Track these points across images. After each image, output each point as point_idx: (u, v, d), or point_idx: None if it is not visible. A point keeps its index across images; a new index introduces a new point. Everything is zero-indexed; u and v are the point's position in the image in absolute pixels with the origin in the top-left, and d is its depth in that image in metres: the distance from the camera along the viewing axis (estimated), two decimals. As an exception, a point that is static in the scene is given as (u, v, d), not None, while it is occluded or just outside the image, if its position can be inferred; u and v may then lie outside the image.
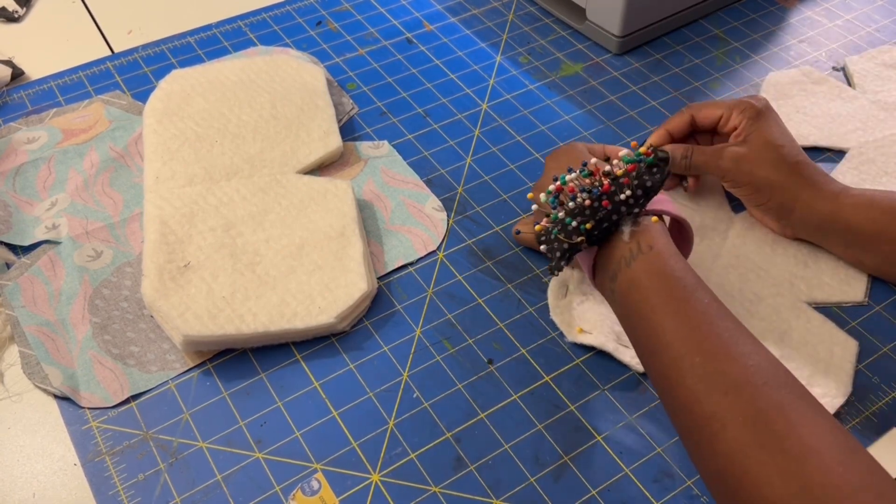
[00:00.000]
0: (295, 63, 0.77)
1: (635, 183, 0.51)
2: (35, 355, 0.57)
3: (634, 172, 0.52)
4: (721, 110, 0.62)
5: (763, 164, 0.60)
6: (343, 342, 0.59)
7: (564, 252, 0.52)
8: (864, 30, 0.86)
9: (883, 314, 0.61)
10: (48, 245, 0.64)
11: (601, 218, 0.51)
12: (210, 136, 0.69)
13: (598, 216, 0.51)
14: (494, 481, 0.52)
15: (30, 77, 0.79)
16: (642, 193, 0.51)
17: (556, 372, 0.57)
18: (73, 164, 0.70)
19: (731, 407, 0.43)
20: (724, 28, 0.86)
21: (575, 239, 0.51)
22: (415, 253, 0.64)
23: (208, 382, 0.57)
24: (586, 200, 0.51)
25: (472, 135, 0.74)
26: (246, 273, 0.59)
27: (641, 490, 0.51)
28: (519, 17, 0.87)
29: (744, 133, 0.61)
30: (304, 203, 0.64)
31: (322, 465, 0.52)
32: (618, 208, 0.51)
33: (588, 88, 0.79)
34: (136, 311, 0.60)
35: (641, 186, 0.51)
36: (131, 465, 0.52)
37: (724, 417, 0.43)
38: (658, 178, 0.51)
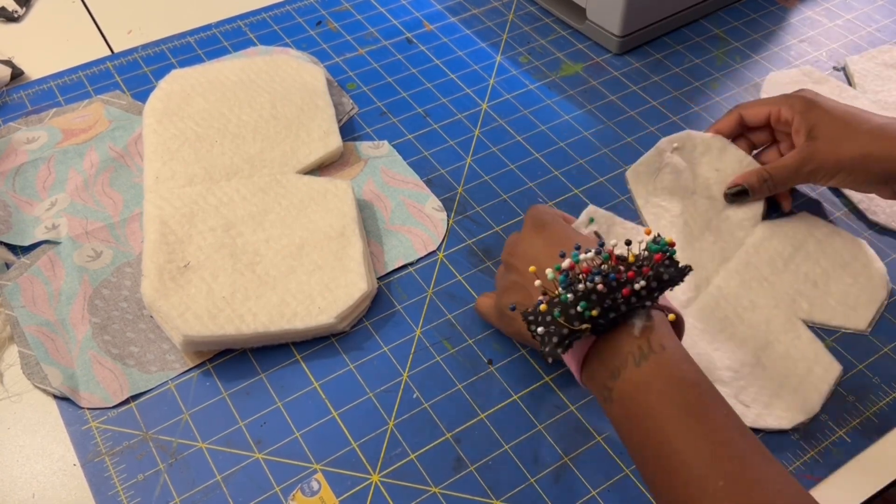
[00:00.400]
0: (295, 63, 0.77)
1: (652, 274, 0.46)
2: (35, 355, 0.57)
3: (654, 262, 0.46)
4: (769, 107, 0.62)
5: (843, 147, 0.58)
6: (343, 342, 0.59)
7: (563, 338, 0.45)
8: (864, 29, 0.86)
9: (883, 314, 0.61)
10: (48, 245, 0.64)
11: (608, 306, 0.45)
12: (210, 136, 0.69)
13: (607, 304, 0.45)
14: (494, 481, 0.52)
15: (30, 77, 0.79)
16: (657, 286, 0.46)
17: (556, 372, 0.57)
18: (72, 164, 0.70)
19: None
20: (724, 28, 0.86)
21: (577, 325, 0.45)
22: (415, 253, 0.64)
23: (208, 383, 0.57)
24: (599, 285, 0.44)
25: (472, 135, 0.74)
26: (246, 273, 0.59)
27: (641, 490, 0.51)
28: (519, 16, 0.87)
29: (802, 127, 0.60)
30: (304, 203, 0.64)
31: (322, 466, 0.52)
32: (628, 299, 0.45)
33: (588, 88, 0.79)
34: (135, 311, 0.60)
35: (658, 278, 0.46)
36: (131, 465, 0.52)
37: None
38: (676, 273, 0.46)
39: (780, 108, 0.62)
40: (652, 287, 0.46)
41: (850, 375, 0.57)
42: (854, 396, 0.56)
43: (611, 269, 0.46)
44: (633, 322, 0.46)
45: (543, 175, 0.70)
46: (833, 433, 0.54)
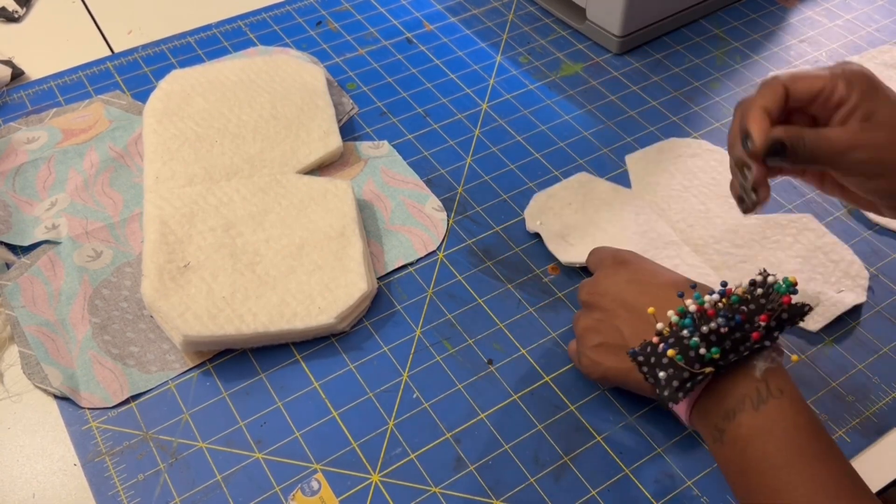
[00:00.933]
0: (295, 63, 0.77)
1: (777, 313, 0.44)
2: (35, 355, 0.57)
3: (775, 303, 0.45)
4: (822, 81, 0.48)
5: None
6: (343, 342, 0.59)
7: (684, 381, 0.44)
8: (864, 30, 0.86)
9: (883, 314, 0.61)
10: (48, 245, 0.64)
11: (729, 348, 0.44)
12: (210, 136, 0.69)
13: (727, 346, 0.44)
14: (494, 481, 0.52)
15: (30, 77, 0.79)
16: (776, 326, 0.45)
17: (556, 372, 0.57)
18: (72, 164, 0.70)
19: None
20: (724, 28, 0.86)
21: (698, 368, 0.44)
22: (415, 253, 0.64)
23: (208, 383, 0.57)
24: (723, 328, 0.43)
25: (472, 135, 0.74)
26: (246, 273, 0.59)
27: (641, 490, 0.51)
28: (519, 17, 0.87)
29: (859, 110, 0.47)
30: (304, 203, 0.64)
31: (322, 466, 0.52)
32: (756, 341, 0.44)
33: (588, 88, 0.79)
34: (135, 311, 0.60)
35: (777, 318, 0.44)
36: (131, 465, 0.52)
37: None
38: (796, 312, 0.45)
39: (836, 84, 0.48)
40: (772, 327, 0.44)
41: (850, 375, 0.57)
42: (854, 396, 0.56)
43: (736, 310, 0.44)
44: (755, 364, 0.44)
45: (543, 175, 0.70)
46: (833, 433, 0.54)
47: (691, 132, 0.74)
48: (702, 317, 0.45)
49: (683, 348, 0.44)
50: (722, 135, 0.74)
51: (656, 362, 0.45)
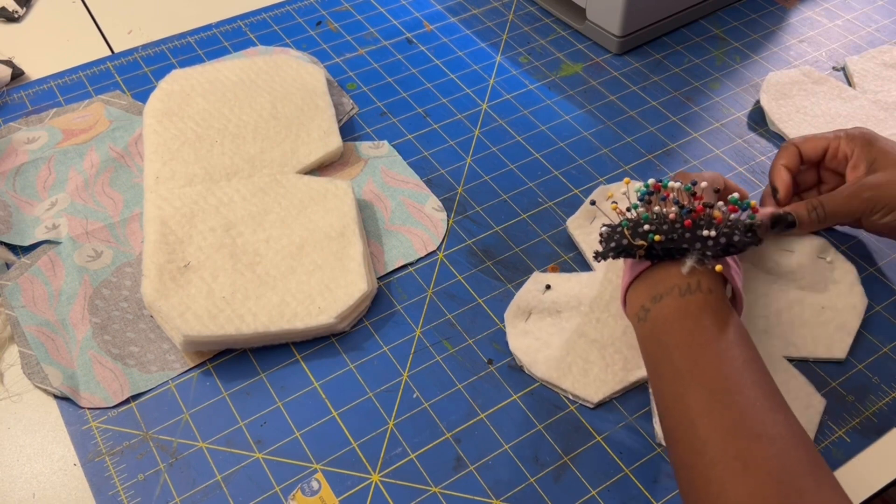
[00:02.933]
0: (295, 63, 0.77)
1: (725, 229, 0.48)
2: (35, 355, 0.57)
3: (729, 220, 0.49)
4: (826, 141, 0.60)
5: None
6: (343, 342, 0.59)
7: (620, 248, 0.49)
8: (864, 30, 0.86)
9: (883, 314, 0.61)
10: (48, 245, 0.64)
11: (673, 238, 0.48)
12: (210, 136, 0.69)
13: (672, 235, 0.48)
14: (494, 481, 0.52)
15: (30, 77, 0.79)
16: (725, 243, 0.48)
17: (556, 372, 0.57)
18: (73, 164, 0.70)
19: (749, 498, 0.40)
20: (724, 28, 0.86)
21: (637, 241, 0.49)
22: (415, 253, 0.64)
23: (208, 382, 0.57)
24: (671, 213, 0.49)
25: (472, 135, 0.74)
26: (246, 273, 0.59)
27: (641, 490, 0.51)
28: (519, 17, 0.87)
29: (862, 162, 0.58)
30: (304, 203, 0.64)
31: (322, 466, 0.52)
32: (693, 240, 0.48)
33: (588, 88, 0.79)
34: (136, 311, 0.60)
35: (727, 236, 0.48)
36: (131, 465, 0.52)
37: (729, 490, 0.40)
38: (746, 241, 0.48)
39: (839, 142, 0.59)
40: (719, 242, 0.48)
41: (850, 375, 0.57)
42: (854, 396, 0.56)
43: (691, 205, 0.49)
44: (684, 260, 0.48)
45: (543, 175, 0.70)
46: (833, 433, 0.54)
47: (691, 132, 0.74)
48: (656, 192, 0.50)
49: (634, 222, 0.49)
50: (722, 135, 0.74)
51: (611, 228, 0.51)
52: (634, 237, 0.49)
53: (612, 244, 0.50)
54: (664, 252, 0.49)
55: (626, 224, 0.49)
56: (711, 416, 0.43)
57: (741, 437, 0.42)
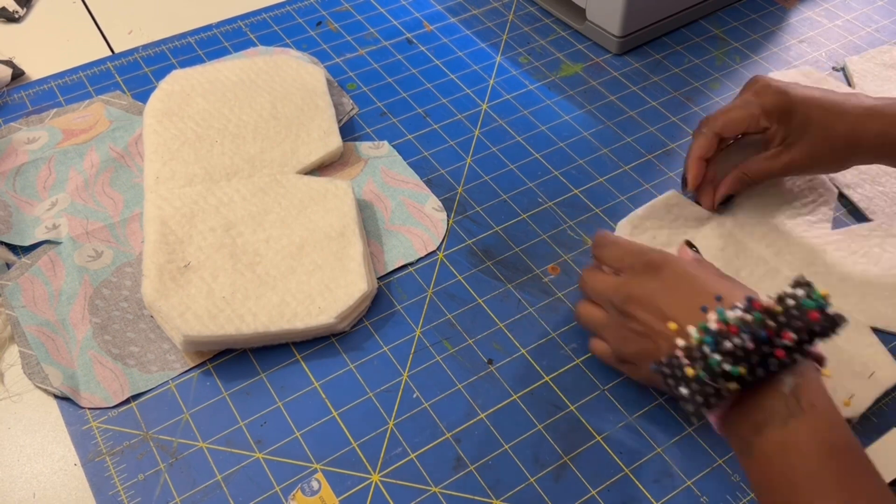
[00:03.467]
0: (295, 63, 0.77)
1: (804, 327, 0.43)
2: (35, 355, 0.57)
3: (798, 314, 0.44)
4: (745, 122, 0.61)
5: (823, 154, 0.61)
6: (343, 342, 0.59)
7: (708, 397, 0.43)
8: (863, 30, 0.86)
9: (883, 314, 0.61)
10: (48, 245, 0.64)
11: (756, 363, 0.43)
12: (210, 136, 0.69)
13: (754, 360, 0.43)
14: (494, 481, 0.52)
15: (30, 77, 0.79)
16: (807, 338, 0.43)
17: (556, 372, 0.57)
18: (73, 165, 0.70)
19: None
20: (724, 28, 0.86)
21: (723, 384, 0.43)
22: (415, 253, 0.64)
23: (208, 382, 0.57)
24: (748, 343, 0.42)
25: (472, 135, 0.74)
26: (246, 273, 0.59)
27: (641, 490, 0.51)
28: (519, 17, 0.87)
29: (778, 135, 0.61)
30: (304, 203, 0.64)
31: (322, 466, 0.52)
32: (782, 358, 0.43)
33: (588, 88, 0.79)
34: (136, 311, 0.60)
35: (808, 330, 0.43)
36: (131, 465, 0.52)
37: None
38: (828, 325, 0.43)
39: (757, 118, 0.61)
40: (802, 340, 0.43)
41: (850, 375, 0.57)
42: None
43: (761, 325, 0.43)
44: (783, 379, 0.43)
45: (543, 175, 0.70)
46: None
47: (691, 132, 0.74)
48: (723, 333, 0.44)
49: (706, 366, 0.43)
50: (722, 135, 0.74)
51: (681, 376, 0.44)
52: (716, 380, 0.43)
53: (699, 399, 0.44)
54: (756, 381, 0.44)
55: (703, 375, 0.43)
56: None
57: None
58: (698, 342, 0.44)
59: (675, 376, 0.45)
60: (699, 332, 0.45)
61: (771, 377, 0.43)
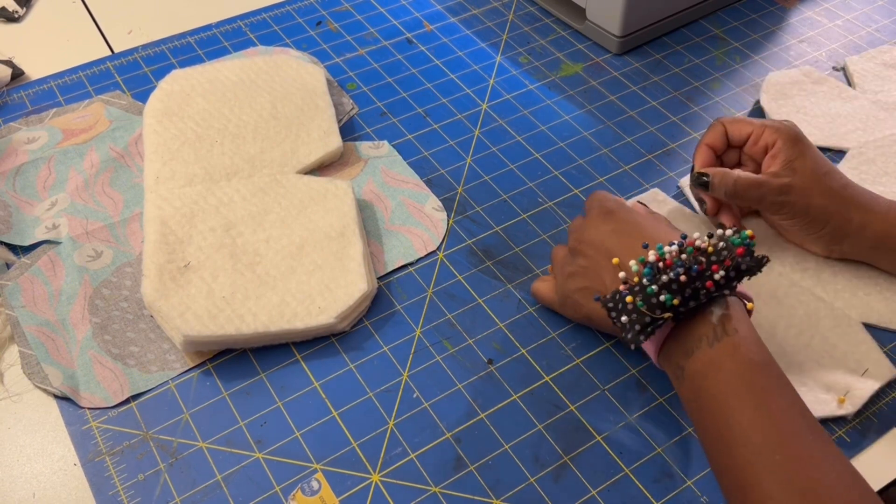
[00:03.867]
0: (295, 63, 0.77)
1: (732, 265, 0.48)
2: (35, 355, 0.57)
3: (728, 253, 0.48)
4: (751, 127, 0.61)
5: (817, 193, 0.58)
6: (343, 342, 0.59)
7: (646, 325, 0.48)
8: (864, 30, 0.86)
9: (883, 314, 0.61)
10: (48, 245, 0.64)
11: (689, 296, 0.47)
12: (210, 136, 0.69)
13: (687, 293, 0.47)
14: (494, 481, 0.52)
15: (30, 77, 0.79)
16: (735, 275, 0.48)
17: (556, 372, 0.57)
18: (73, 164, 0.70)
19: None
20: (724, 28, 0.86)
21: (659, 313, 0.47)
22: (415, 253, 0.64)
23: (208, 382, 0.57)
24: (682, 276, 0.47)
25: (472, 135, 0.74)
26: (246, 273, 0.59)
27: (641, 490, 0.51)
28: (519, 17, 0.87)
29: (781, 155, 0.59)
30: (304, 203, 0.64)
31: (322, 465, 0.52)
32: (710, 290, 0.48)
33: (588, 88, 0.79)
34: (136, 311, 0.60)
35: (736, 268, 0.48)
36: (131, 465, 0.52)
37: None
38: (754, 264, 0.48)
39: (763, 131, 0.60)
40: (730, 276, 0.48)
41: (850, 375, 0.57)
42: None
43: (693, 261, 0.48)
44: (711, 310, 0.48)
45: (543, 175, 0.70)
46: (833, 433, 0.54)
47: (691, 132, 0.74)
48: (660, 267, 0.48)
49: (644, 296, 0.48)
50: (722, 135, 0.74)
51: (623, 308, 0.48)
52: (654, 310, 0.47)
53: (637, 327, 0.48)
54: (689, 311, 0.48)
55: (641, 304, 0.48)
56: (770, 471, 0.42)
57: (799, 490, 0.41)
58: (637, 274, 0.49)
59: (617, 308, 0.49)
60: (638, 264, 0.49)
61: (701, 310, 0.48)
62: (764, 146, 0.60)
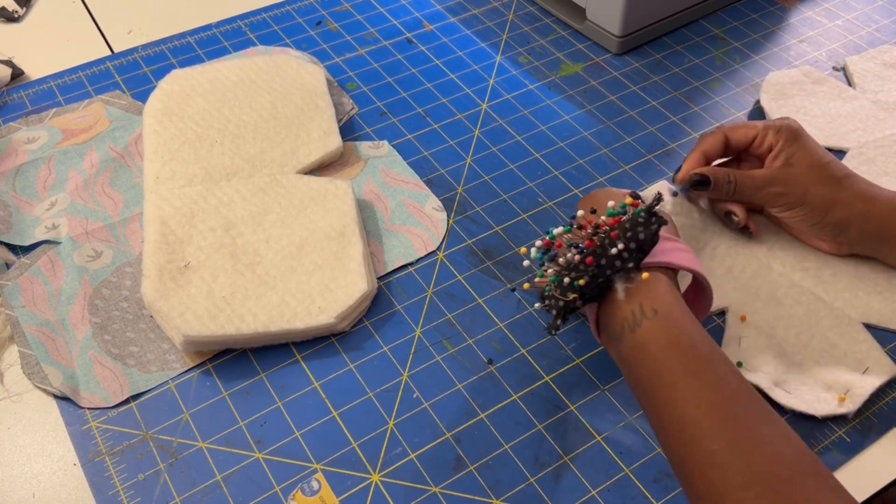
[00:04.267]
0: (295, 63, 0.77)
1: (627, 236, 0.48)
2: (35, 355, 0.57)
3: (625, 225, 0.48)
4: (755, 130, 0.61)
5: (815, 182, 0.58)
6: (343, 342, 0.59)
7: (560, 310, 0.48)
8: (864, 30, 0.86)
9: (883, 314, 0.61)
10: (48, 245, 0.64)
11: (594, 274, 0.48)
12: (210, 136, 0.69)
13: (591, 272, 0.48)
14: (494, 481, 0.52)
15: (30, 77, 0.79)
16: (636, 247, 0.48)
17: (556, 372, 0.57)
18: (73, 164, 0.70)
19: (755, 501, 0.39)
20: (724, 28, 0.86)
21: (569, 296, 0.48)
22: (415, 253, 0.64)
23: (208, 382, 0.57)
24: (576, 256, 0.48)
25: (472, 135, 0.74)
26: (246, 273, 0.59)
27: (641, 490, 0.51)
28: (519, 17, 0.87)
29: (782, 153, 0.60)
30: (304, 203, 0.64)
31: (322, 466, 0.52)
32: (612, 264, 0.48)
33: (588, 88, 0.79)
34: (136, 311, 0.60)
35: (634, 239, 0.47)
36: (131, 465, 0.52)
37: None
38: (651, 231, 0.47)
39: (767, 133, 0.61)
40: (631, 248, 0.47)
41: (850, 375, 0.57)
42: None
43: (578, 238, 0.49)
44: (615, 287, 0.48)
45: (543, 175, 0.70)
46: (833, 433, 0.54)
47: (691, 132, 0.74)
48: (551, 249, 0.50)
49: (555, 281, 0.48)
50: (722, 135, 0.74)
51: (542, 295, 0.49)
52: (565, 293, 0.48)
53: (553, 312, 0.49)
54: (597, 290, 0.49)
55: (549, 289, 0.48)
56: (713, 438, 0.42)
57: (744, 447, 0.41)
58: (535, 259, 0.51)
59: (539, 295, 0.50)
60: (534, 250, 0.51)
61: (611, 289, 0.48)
62: (768, 147, 0.61)
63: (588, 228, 0.50)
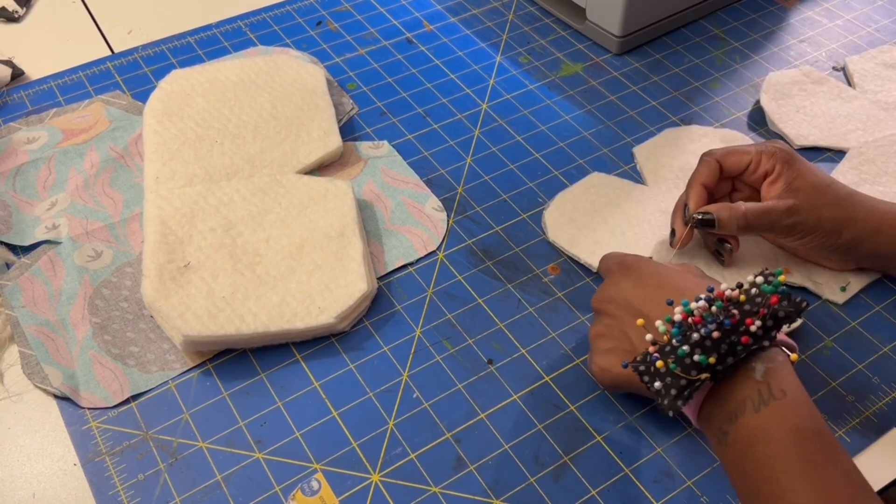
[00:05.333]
0: (295, 63, 0.77)
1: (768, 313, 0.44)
2: (35, 355, 0.57)
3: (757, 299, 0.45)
4: (748, 156, 0.60)
5: (825, 205, 0.57)
6: (343, 342, 0.59)
7: (682, 389, 0.44)
8: (864, 30, 0.86)
9: (883, 314, 0.61)
10: (48, 245, 0.64)
11: (725, 352, 0.44)
12: (210, 136, 0.69)
13: (723, 350, 0.44)
14: (494, 481, 0.52)
15: (30, 77, 0.79)
16: (773, 325, 0.44)
17: (556, 372, 0.57)
18: (73, 164, 0.70)
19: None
20: (724, 28, 0.86)
21: (695, 375, 0.44)
22: (415, 253, 0.64)
23: (208, 382, 0.57)
24: (714, 332, 0.44)
25: (472, 135, 0.74)
26: (246, 273, 0.59)
27: (641, 490, 0.51)
28: (519, 17, 0.87)
29: (781, 179, 0.58)
30: (304, 203, 0.64)
31: (322, 466, 0.52)
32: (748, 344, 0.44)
33: (588, 88, 0.79)
34: (136, 311, 0.60)
35: (773, 317, 0.44)
36: (131, 465, 0.52)
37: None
38: (792, 310, 0.45)
39: (760, 158, 0.59)
40: (768, 326, 0.44)
41: (850, 375, 0.57)
42: (854, 396, 0.56)
43: (725, 314, 0.45)
44: (753, 366, 0.44)
45: (543, 175, 0.70)
46: (833, 433, 0.54)
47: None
48: (689, 324, 0.45)
49: (677, 357, 0.45)
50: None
51: (655, 372, 0.45)
52: (689, 371, 0.44)
53: (672, 392, 0.44)
54: (726, 369, 0.45)
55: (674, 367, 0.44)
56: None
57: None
58: (666, 335, 0.46)
59: (649, 372, 0.46)
60: (665, 324, 0.46)
61: (741, 366, 0.45)
62: (763, 173, 0.59)
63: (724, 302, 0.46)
